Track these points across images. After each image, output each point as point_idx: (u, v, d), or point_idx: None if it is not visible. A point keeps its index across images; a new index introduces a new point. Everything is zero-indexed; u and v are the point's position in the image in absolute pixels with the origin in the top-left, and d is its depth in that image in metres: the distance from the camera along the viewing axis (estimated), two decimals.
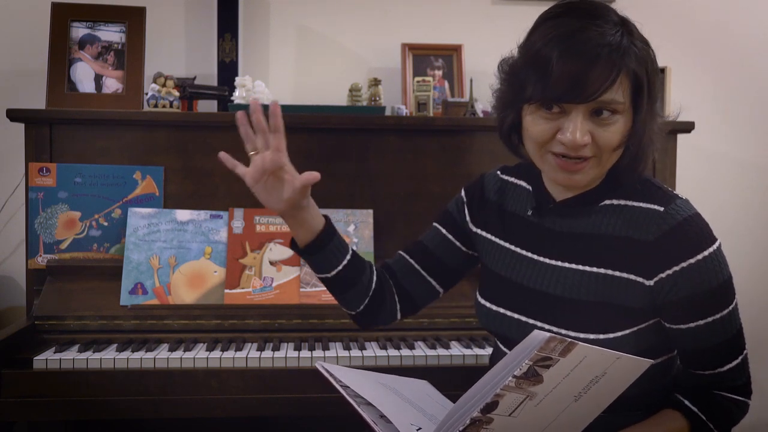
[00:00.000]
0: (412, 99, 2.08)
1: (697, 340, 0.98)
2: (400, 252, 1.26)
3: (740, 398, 1.02)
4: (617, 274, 0.99)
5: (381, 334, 1.66)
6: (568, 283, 1.03)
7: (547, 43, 0.94)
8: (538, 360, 0.79)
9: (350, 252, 1.16)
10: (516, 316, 1.08)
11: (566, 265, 1.04)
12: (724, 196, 2.37)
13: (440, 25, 2.27)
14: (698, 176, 2.32)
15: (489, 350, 1.55)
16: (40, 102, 1.92)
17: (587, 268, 1.02)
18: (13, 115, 1.73)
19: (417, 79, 2.05)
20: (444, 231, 1.23)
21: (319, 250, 1.13)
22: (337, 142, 1.84)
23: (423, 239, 1.25)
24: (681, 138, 1.91)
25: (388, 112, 2.02)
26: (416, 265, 1.23)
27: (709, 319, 0.97)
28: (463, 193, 1.23)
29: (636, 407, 1.02)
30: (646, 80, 0.96)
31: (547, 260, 1.06)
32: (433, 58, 2.23)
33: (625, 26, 0.97)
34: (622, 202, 1.02)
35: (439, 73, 2.22)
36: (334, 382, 1.05)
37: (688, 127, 1.89)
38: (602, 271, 1.00)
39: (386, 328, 1.66)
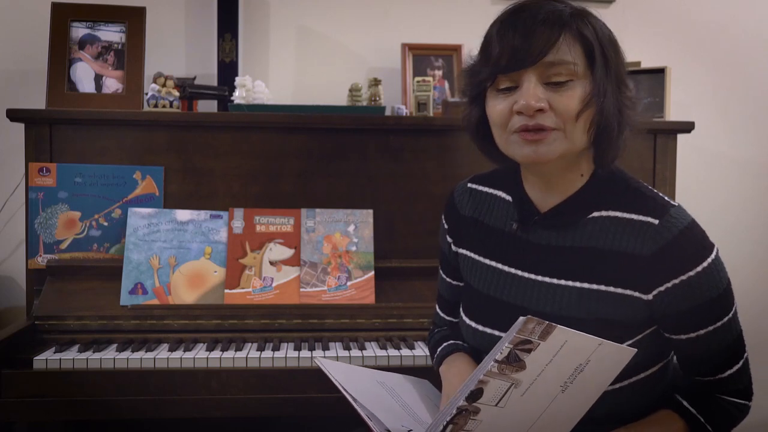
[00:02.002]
0: (412, 99, 2.08)
1: (697, 348, 0.96)
2: (441, 315, 1.25)
3: (741, 401, 1.01)
4: (611, 289, 0.95)
5: (381, 334, 1.66)
6: (559, 300, 0.98)
7: (490, 28, 0.97)
8: (518, 343, 0.78)
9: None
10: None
11: (555, 281, 0.99)
12: (724, 196, 2.37)
13: (440, 25, 2.27)
14: (698, 176, 2.32)
15: None
16: (40, 102, 1.92)
17: (579, 284, 0.97)
18: (13, 115, 1.73)
19: (417, 79, 2.05)
20: (450, 280, 1.20)
21: None
22: (337, 142, 1.84)
23: (443, 293, 1.23)
24: (681, 138, 1.90)
25: (388, 112, 2.02)
26: (455, 320, 1.22)
27: (710, 328, 0.95)
28: (443, 220, 1.19)
29: (630, 421, 1.00)
30: (598, 45, 0.93)
31: (534, 276, 1.01)
32: (433, 58, 2.23)
33: (574, 7, 0.96)
34: (612, 214, 0.97)
35: (439, 73, 2.22)
36: (330, 377, 1.05)
37: (688, 127, 1.89)
38: (595, 287, 0.96)
39: (386, 328, 1.69)
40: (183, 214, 1.77)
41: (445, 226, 1.18)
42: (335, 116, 1.84)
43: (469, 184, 1.16)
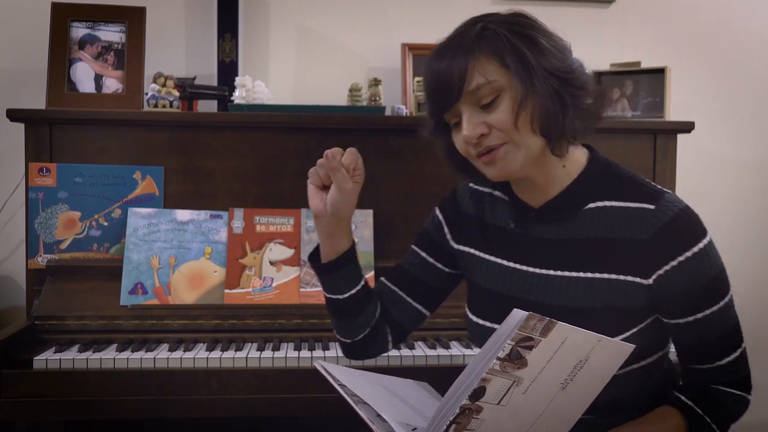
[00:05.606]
0: (412, 99, 2.08)
1: (695, 334, 0.98)
2: (382, 279, 1.24)
3: (739, 393, 1.01)
4: (613, 277, 0.98)
5: None
6: (563, 291, 1.01)
7: (423, 75, 1.04)
8: (519, 340, 0.78)
9: (364, 280, 1.16)
10: None
11: (558, 273, 1.02)
12: (724, 196, 2.37)
13: (440, 25, 2.26)
14: (698, 176, 2.32)
15: None
16: (40, 102, 1.92)
17: (582, 274, 0.99)
18: (13, 115, 1.73)
19: (417, 79, 2.05)
20: (423, 254, 1.20)
21: (339, 268, 1.12)
22: (337, 142, 1.82)
23: (403, 264, 1.23)
24: (681, 138, 1.90)
25: (388, 112, 2.02)
26: (400, 292, 1.20)
27: (707, 312, 0.96)
28: (438, 211, 1.21)
29: (629, 409, 1.02)
30: (510, 49, 0.94)
31: (537, 270, 1.04)
32: None
33: (484, 19, 0.99)
34: (608, 204, 1.00)
35: None
36: (332, 381, 1.05)
37: (688, 127, 1.89)
38: (597, 275, 0.99)
39: None
40: (183, 214, 1.77)
41: (440, 217, 1.19)
42: (335, 116, 1.84)
43: (471, 185, 1.18)
